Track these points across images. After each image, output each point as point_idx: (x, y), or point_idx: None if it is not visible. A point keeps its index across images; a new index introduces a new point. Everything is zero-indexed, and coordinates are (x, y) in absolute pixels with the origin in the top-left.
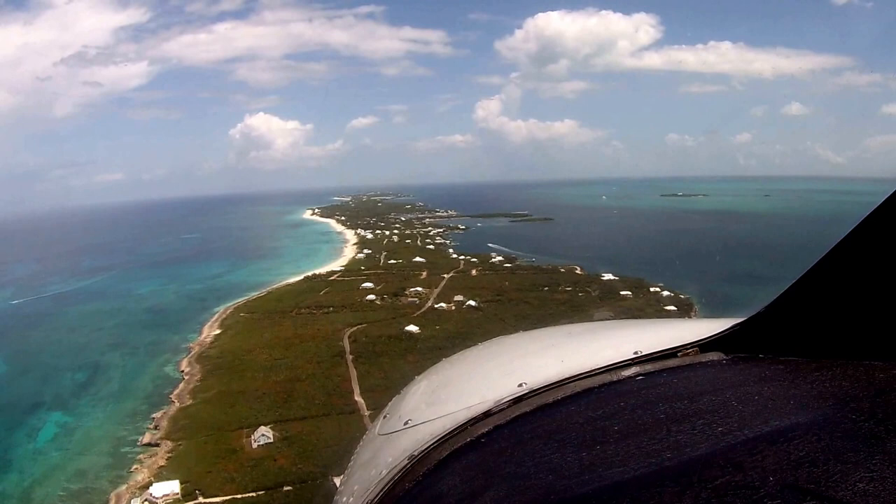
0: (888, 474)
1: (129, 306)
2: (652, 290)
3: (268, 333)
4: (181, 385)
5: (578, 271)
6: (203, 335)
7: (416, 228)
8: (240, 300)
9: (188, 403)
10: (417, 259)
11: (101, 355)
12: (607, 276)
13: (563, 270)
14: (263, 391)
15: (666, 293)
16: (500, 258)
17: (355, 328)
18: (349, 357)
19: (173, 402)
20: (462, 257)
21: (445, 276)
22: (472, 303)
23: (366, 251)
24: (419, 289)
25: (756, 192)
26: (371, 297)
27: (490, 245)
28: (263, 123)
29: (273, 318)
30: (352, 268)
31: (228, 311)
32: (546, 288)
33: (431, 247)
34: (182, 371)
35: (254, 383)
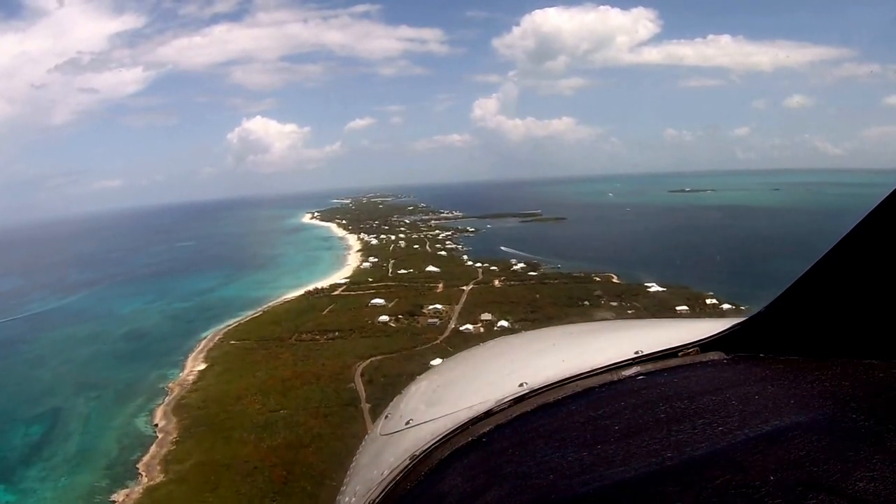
0: (889, 473)
1: (107, 330)
2: (708, 302)
3: (261, 371)
4: (153, 448)
5: (616, 279)
6: (185, 371)
7: (422, 232)
8: (231, 322)
9: (158, 481)
10: (430, 268)
11: (65, 400)
12: (653, 288)
13: (598, 279)
14: (255, 464)
15: (726, 306)
16: (521, 265)
17: (368, 361)
18: (365, 406)
19: (140, 475)
20: (479, 264)
21: (465, 288)
22: (503, 323)
23: (371, 259)
24: (438, 306)
25: (762, 185)
26: (384, 317)
27: (505, 248)
28: (261, 127)
29: (268, 348)
30: (358, 279)
31: (217, 338)
32: (586, 302)
33: (443, 253)
34: (156, 425)
35: (243, 450)
